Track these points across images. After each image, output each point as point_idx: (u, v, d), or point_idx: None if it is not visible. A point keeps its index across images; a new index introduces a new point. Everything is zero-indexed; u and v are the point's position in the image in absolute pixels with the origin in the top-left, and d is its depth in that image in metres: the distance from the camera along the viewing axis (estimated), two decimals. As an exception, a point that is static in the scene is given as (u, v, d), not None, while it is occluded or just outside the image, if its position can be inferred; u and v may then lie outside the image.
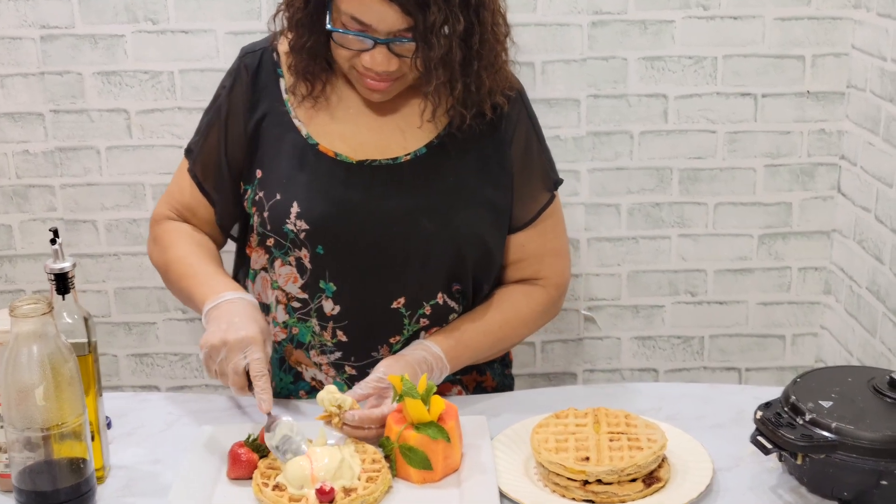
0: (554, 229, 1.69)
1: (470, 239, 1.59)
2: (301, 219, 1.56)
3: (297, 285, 1.61)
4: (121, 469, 1.44)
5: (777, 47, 2.15)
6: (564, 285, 1.71)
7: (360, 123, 1.60)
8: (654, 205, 2.25)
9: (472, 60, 1.50)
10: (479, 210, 1.59)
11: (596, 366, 2.37)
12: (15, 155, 2.21)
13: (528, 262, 1.67)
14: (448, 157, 1.59)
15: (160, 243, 1.68)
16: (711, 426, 1.53)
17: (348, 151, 1.58)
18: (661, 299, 2.32)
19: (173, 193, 1.70)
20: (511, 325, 1.65)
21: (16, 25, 2.12)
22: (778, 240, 2.28)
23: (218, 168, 1.65)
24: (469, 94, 1.52)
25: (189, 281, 1.59)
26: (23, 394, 1.27)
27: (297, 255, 1.58)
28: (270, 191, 1.58)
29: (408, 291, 1.59)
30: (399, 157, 1.58)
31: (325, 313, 1.60)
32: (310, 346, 1.65)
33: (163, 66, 2.15)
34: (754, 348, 2.36)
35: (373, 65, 1.47)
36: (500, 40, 1.53)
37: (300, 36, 1.53)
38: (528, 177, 1.64)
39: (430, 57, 1.45)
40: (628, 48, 2.15)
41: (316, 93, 1.58)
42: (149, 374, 2.36)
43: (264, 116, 1.61)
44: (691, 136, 2.21)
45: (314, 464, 1.33)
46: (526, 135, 1.63)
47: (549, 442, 1.38)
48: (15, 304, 1.27)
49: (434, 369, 1.55)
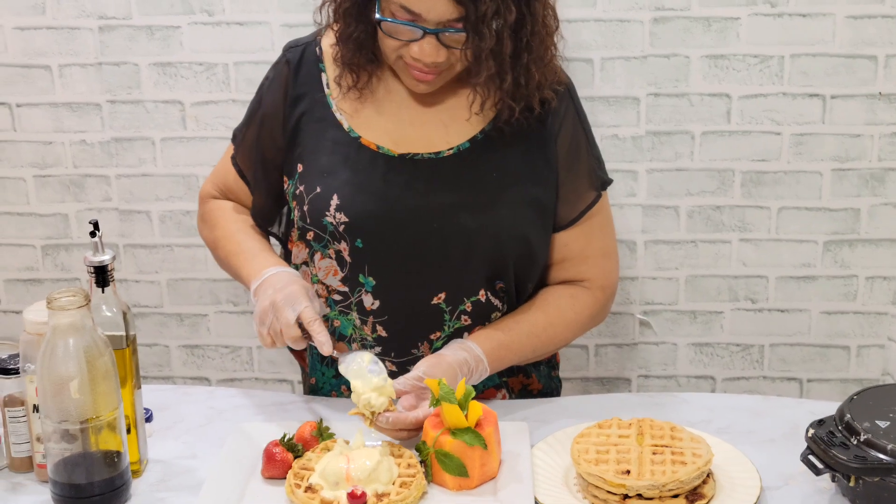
0: (601, 229, 1.65)
1: (512, 236, 1.56)
2: (340, 211, 1.55)
3: (337, 278, 1.60)
4: (157, 463, 1.45)
5: (848, 46, 2.07)
6: (611, 288, 1.67)
7: (404, 116, 1.58)
8: (714, 207, 2.19)
9: (522, 53, 1.47)
10: (522, 207, 1.56)
11: (650, 372, 2.32)
12: (72, 144, 2.24)
13: (571, 263, 1.64)
14: (492, 153, 1.56)
15: (208, 221, 1.74)
16: (763, 441, 1.48)
17: (390, 144, 1.57)
18: (719, 305, 2.26)
19: (219, 173, 1.75)
20: (555, 328, 1.61)
21: (74, 16, 2.14)
22: (844, 247, 2.21)
23: (256, 160, 1.67)
24: (518, 87, 1.50)
25: (237, 259, 1.63)
26: (58, 386, 1.28)
27: (336, 249, 1.58)
28: (311, 184, 1.58)
29: (448, 287, 1.57)
30: (442, 151, 1.56)
31: (365, 307, 1.59)
32: (351, 339, 1.64)
33: (218, 57, 2.16)
34: (817, 359, 2.29)
35: (421, 55, 1.45)
36: (550, 33, 1.50)
37: (347, 25, 1.52)
38: (574, 174, 1.60)
39: (481, 47, 1.43)
40: (691, 46, 2.09)
41: (361, 84, 1.57)
42: (199, 365, 2.37)
43: (305, 111, 1.60)
44: (755, 138, 2.14)
45: (351, 464, 1.32)
46: (573, 131, 1.60)
47: (590, 453, 1.35)
48: (52, 295, 1.27)
49: (474, 371, 1.52)
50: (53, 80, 2.19)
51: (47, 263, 2.32)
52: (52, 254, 2.32)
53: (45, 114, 2.22)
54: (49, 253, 2.32)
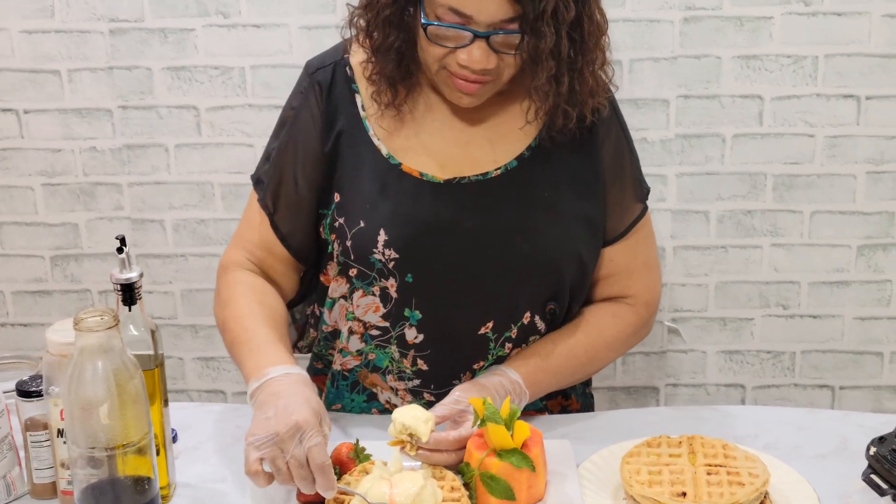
0: (645, 242, 1.59)
1: (566, 255, 1.49)
2: (389, 247, 1.45)
3: (378, 314, 1.50)
4: (186, 488, 1.39)
5: (884, 46, 2.04)
6: (655, 303, 1.61)
7: (447, 137, 1.49)
8: (745, 212, 2.15)
9: (577, 55, 1.39)
10: (575, 225, 1.49)
11: (679, 380, 2.27)
12: (82, 152, 2.18)
13: (616, 278, 1.57)
14: (541, 170, 1.48)
15: (220, 298, 1.54)
16: (813, 457, 1.43)
17: (435, 170, 1.47)
18: (750, 312, 2.22)
19: (243, 233, 1.57)
20: (596, 349, 1.55)
21: (84, 19, 2.09)
22: (878, 251, 2.17)
23: (292, 196, 1.53)
24: (573, 93, 1.41)
25: (240, 348, 1.44)
26: (86, 411, 1.22)
27: (382, 286, 1.48)
28: (353, 217, 1.48)
29: (498, 315, 1.49)
30: (489, 171, 1.48)
31: (407, 341, 1.51)
32: (387, 370, 1.55)
33: (234, 61, 2.10)
34: (849, 366, 2.25)
35: (469, 62, 1.35)
36: (602, 34, 1.41)
37: (387, 35, 1.41)
38: (619, 187, 1.54)
39: (540, 47, 1.33)
40: (722, 46, 2.05)
41: (400, 100, 1.47)
42: (214, 378, 2.32)
43: (340, 135, 1.49)
44: (788, 140, 2.10)
45: (395, 489, 1.26)
46: (616, 142, 1.53)
47: (642, 474, 1.31)
48: (80, 315, 1.21)
49: (512, 395, 1.45)
50: (63, 85, 2.13)
51: (56, 275, 2.26)
52: (61, 265, 2.26)
53: (53, 120, 2.16)
54: (58, 264, 2.26)
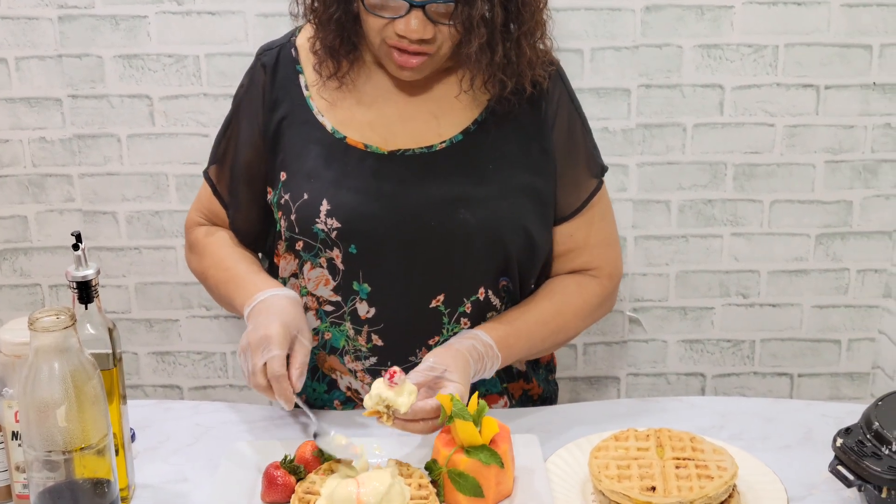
0: (603, 218, 1.60)
1: (512, 228, 1.50)
2: (332, 216, 1.47)
3: (328, 288, 1.52)
4: (146, 489, 1.36)
5: (843, 36, 2.04)
6: (618, 276, 1.63)
7: (391, 111, 1.51)
8: (706, 202, 2.15)
9: (513, 25, 1.42)
10: (520, 198, 1.50)
11: (640, 370, 2.27)
12: (31, 142, 2.12)
13: (577, 253, 1.59)
14: (486, 144, 1.50)
15: (195, 250, 1.66)
16: (779, 448, 1.44)
17: (378, 142, 1.50)
18: (710, 301, 2.22)
19: (200, 197, 1.68)
20: (564, 316, 1.56)
21: (32, 4, 2.02)
22: (836, 240, 2.18)
23: (237, 176, 1.60)
24: (509, 62, 1.44)
25: (227, 287, 1.56)
26: (43, 413, 1.18)
27: (328, 256, 1.50)
28: (297, 191, 1.50)
29: (447, 288, 1.50)
30: (434, 145, 1.50)
31: (360, 316, 1.52)
32: (343, 351, 1.56)
33: (188, 49, 2.05)
34: (808, 353, 2.26)
35: (407, 32, 1.37)
36: (540, 7, 1.45)
37: (327, 7, 1.45)
38: (572, 162, 1.55)
39: (472, 15, 1.37)
40: (683, 35, 2.04)
41: (342, 72, 1.50)
42: (171, 373, 2.27)
43: (285, 116, 1.54)
44: (748, 130, 2.10)
45: (362, 487, 1.24)
46: (568, 117, 1.55)
47: (610, 468, 1.30)
48: (34, 315, 1.17)
49: (485, 358, 1.46)
50: (10, 73, 2.07)
51: (5, 269, 2.20)
52: (10, 258, 2.20)
53: (1, 110, 2.09)
54: (7, 258, 2.20)
